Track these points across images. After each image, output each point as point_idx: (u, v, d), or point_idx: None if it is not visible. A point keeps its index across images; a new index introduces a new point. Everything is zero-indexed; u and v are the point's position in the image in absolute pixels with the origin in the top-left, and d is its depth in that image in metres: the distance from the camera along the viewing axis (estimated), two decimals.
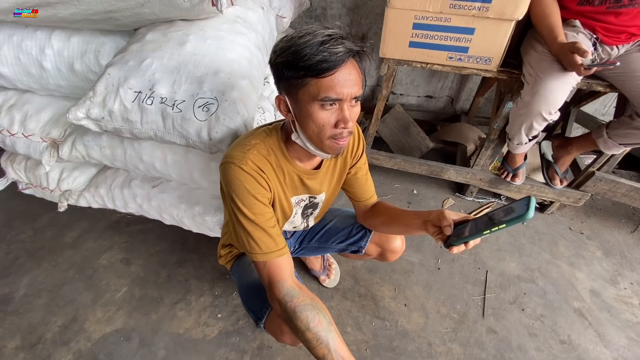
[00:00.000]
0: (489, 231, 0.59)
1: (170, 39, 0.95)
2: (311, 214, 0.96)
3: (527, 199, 0.55)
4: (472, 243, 0.64)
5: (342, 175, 0.90)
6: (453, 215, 0.67)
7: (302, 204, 0.89)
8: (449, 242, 0.66)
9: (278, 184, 0.77)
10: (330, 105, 0.61)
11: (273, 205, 0.79)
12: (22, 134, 1.19)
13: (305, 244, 1.12)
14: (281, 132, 0.76)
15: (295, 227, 0.97)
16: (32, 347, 1.16)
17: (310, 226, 1.01)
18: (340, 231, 1.06)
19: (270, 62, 0.65)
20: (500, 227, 0.57)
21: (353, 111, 0.64)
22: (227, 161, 0.70)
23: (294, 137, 0.70)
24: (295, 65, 0.58)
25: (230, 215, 0.73)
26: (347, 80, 0.59)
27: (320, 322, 0.68)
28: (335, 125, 0.64)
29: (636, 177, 1.91)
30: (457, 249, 0.64)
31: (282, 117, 0.80)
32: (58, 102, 1.22)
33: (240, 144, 0.73)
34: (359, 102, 0.65)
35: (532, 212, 0.53)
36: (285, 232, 1.07)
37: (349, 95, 0.61)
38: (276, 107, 0.69)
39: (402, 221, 0.84)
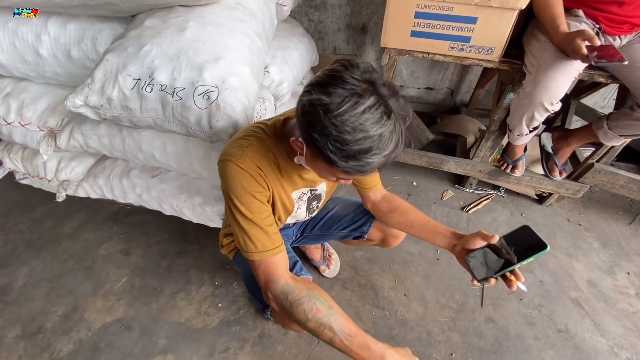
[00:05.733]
0: (514, 267, 0.67)
1: (170, 25, 0.93)
2: (316, 207, 0.96)
3: (531, 229, 0.67)
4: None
5: None
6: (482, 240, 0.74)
7: (305, 198, 0.89)
8: (481, 278, 0.73)
9: (277, 180, 0.76)
10: None
11: (274, 203, 0.78)
12: (19, 122, 1.18)
13: (307, 232, 1.12)
14: (280, 129, 0.74)
15: (298, 220, 0.97)
16: (33, 336, 1.16)
17: (314, 215, 1.01)
18: (342, 218, 1.06)
19: (304, 109, 0.55)
20: (528, 261, 0.65)
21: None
22: (224, 159, 0.69)
23: (297, 161, 0.70)
24: (327, 153, 0.54)
25: (228, 213, 0.73)
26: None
27: (318, 310, 0.68)
28: (338, 180, 0.67)
29: (634, 170, 1.92)
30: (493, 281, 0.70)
31: (281, 112, 0.80)
32: (55, 90, 1.21)
33: (238, 141, 0.72)
34: None
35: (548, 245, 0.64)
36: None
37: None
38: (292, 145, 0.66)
39: (426, 234, 0.87)
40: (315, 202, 0.94)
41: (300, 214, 0.92)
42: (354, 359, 0.67)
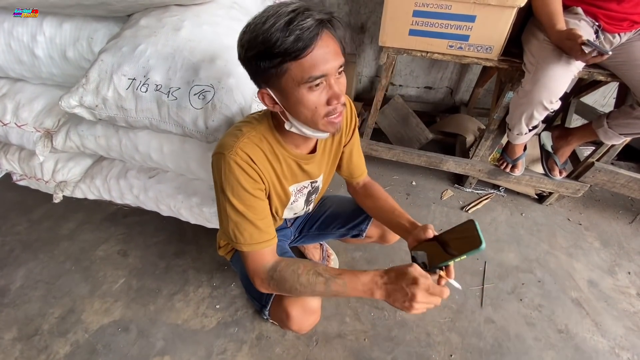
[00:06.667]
0: (447, 263, 0.67)
1: (165, 25, 0.93)
2: (313, 199, 0.96)
3: (474, 225, 0.66)
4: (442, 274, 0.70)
5: (338, 153, 0.90)
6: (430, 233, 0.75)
7: (305, 191, 0.88)
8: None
9: (272, 172, 0.75)
10: (317, 85, 0.58)
11: (269, 195, 0.77)
12: (15, 123, 1.17)
13: (305, 231, 1.12)
14: (272, 118, 0.73)
15: (295, 214, 0.96)
16: (29, 339, 1.15)
17: (310, 209, 1.00)
18: (340, 216, 1.06)
19: (240, 57, 0.61)
20: (460, 258, 0.65)
21: (341, 83, 0.62)
22: (218, 152, 0.69)
23: (287, 126, 0.68)
24: (270, 54, 0.55)
25: (219, 206, 0.72)
26: (327, 54, 0.56)
27: (304, 266, 0.70)
28: (328, 103, 0.61)
29: (635, 169, 1.91)
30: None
31: None
32: (51, 91, 1.20)
33: (231, 133, 0.72)
34: (343, 73, 0.63)
35: (484, 243, 0.62)
36: (285, 221, 1.06)
37: (333, 68, 0.58)
38: (260, 102, 0.66)
39: (389, 221, 0.88)
40: (314, 194, 0.94)
41: (298, 205, 0.91)
42: (351, 295, 0.68)
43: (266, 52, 0.55)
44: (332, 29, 0.59)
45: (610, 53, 0.95)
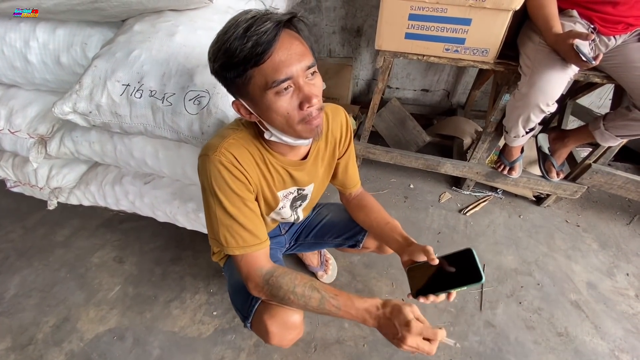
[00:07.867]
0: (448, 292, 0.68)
1: (159, 30, 0.92)
2: (300, 205, 0.93)
3: (472, 254, 0.64)
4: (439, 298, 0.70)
5: (331, 165, 0.88)
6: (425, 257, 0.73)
7: (290, 196, 0.86)
8: (415, 292, 0.72)
9: (260, 175, 0.73)
10: (285, 89, 0.56)
11: (256, 198, 0.76)
12: (8, 130, 1.16)
13: (301, 240, 1.10)
14: (255, 127, 0.71)
15: (284, 219, 0.93)
16: (24, 348, 1.13)
17: (300, 218, 0.98)
18: (336, 225, 1.05)
19: (211, 71, 0.60)
20: (461, 289, 0.65)
21: (313, 85, 0.58)
22: (202, 154, 0.67)
23: (267, 135, 0.66)
24: (232, 64, 0.54)
25: (207, 210, 0.70)
26: (289, 56, 0.54)
27: (302, 278, 0.69)
28: (301, 107, 0.58)
29: (632, 170, 1.91)
30: (424, 299, 0.70)
31: None
32: (45, 97, 1.19)
33: (217, 134, 0.71)
34: (317, 74, 0.59)
35: (484, 278, 0.62)
36: (279, 229, 1.05)
37: (299, 69, 0.55)
38: (237, 113, 0.65)
39: (382, 235, 0.88)
40: (300, 201, 0.91)
41: (285, 212, 0.88)
42: (344, 318, 0.67)
43: (229, 63, 0.54)
44: (295, 29, 0.57)
45: (594, 63, 0.96)
